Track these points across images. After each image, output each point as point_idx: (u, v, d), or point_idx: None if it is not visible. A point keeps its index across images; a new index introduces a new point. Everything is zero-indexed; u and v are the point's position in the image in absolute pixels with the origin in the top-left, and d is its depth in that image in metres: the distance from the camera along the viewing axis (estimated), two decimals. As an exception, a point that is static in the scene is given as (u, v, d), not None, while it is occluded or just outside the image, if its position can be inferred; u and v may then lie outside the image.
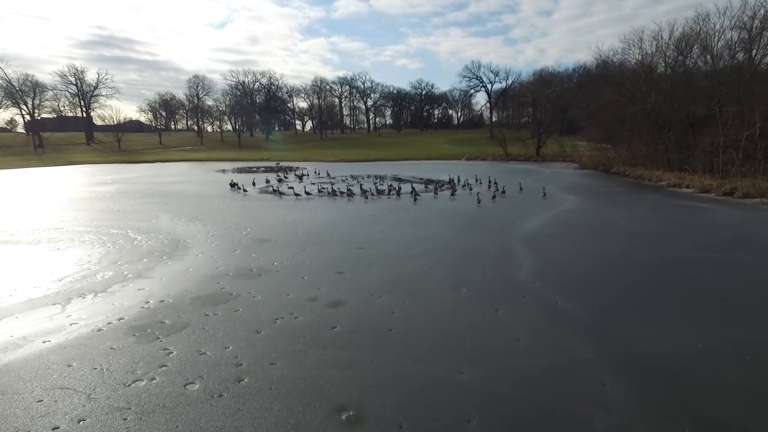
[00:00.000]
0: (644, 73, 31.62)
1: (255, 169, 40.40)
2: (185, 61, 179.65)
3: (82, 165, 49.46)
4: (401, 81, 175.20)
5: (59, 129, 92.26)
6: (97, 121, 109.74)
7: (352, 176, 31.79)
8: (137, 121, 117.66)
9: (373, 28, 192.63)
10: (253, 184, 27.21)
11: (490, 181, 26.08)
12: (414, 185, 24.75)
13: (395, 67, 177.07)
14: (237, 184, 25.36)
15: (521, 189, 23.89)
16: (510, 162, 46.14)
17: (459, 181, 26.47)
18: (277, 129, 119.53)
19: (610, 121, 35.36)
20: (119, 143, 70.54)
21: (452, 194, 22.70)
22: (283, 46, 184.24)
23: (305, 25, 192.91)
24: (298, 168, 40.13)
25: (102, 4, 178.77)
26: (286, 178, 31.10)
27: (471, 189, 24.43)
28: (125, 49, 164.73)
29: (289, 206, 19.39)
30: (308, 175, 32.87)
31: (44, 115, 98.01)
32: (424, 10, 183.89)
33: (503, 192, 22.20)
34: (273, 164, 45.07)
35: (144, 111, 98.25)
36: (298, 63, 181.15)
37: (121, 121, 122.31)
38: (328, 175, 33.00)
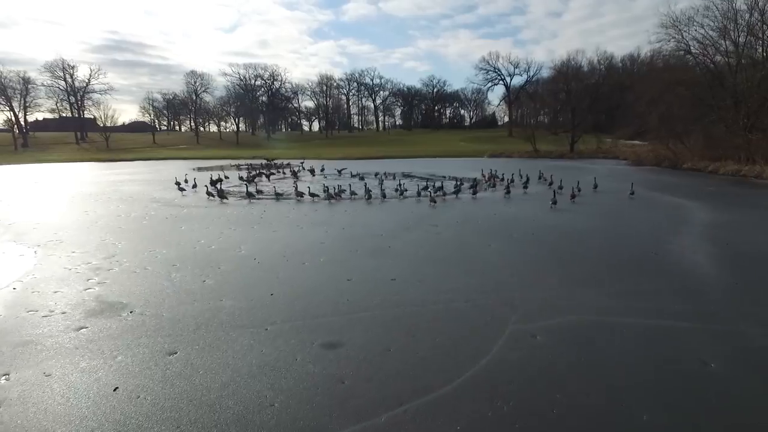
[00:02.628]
0: (747, 33, 23.34)
1: (238, 166, 32.72)
2: (196, 64, 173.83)
3: (49, 163, 42.30)
4: (410, 83, 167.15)
5: (60, 129, 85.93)
6: (100, 122, 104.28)
7: (351, 173, 24.02)
8: (142, 122, 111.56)
9: (381, 31, 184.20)
10: (211, 182, 19.46)
11: (542, 177, 18.17)
12: (437, 183, 16.86)
13: (404, 70, 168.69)
14: (181, 183, 17.67)
15: (596, 186, 15.95)
16: (541, 159, 38.07)
17: (498, 176, 18.65)
18: (284, 130, 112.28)
19: (678, 106, 27.09)
20: (107, 142, 63.57)
21: (506, 193, 14.99)
22: (293, 49, 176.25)
23: (315, 29, 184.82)
24: (288, 164, 32.45)
25: (115, 9, 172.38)
26: (260, 175, 23.52)
27: (526, 188, 16.50)
28: (137, 53, 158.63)
29: (237, 216, 11.64)
30: (295, 171, 25.14)
31: (47, 116, 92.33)
32: (433, 13, 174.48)
33: (579, 190, 14.29)
34: (263, 161, 37.46)
35: (147, 111, 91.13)
36: (308, 66, 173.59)
37: (126, 122, 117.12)
38: (323, 170, 25.37)
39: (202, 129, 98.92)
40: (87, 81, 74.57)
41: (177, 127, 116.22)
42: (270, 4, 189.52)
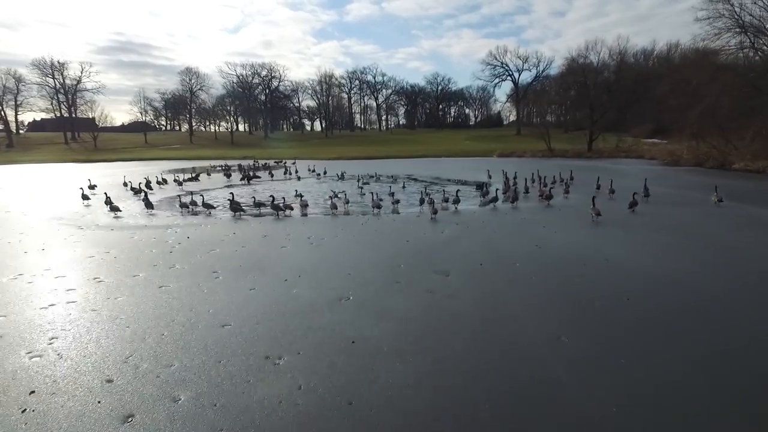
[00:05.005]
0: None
1: (217, 167, 28.47)
2: (201, 65, 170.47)
3: (23, 164, 38.31)
4: (414, 81, 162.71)
5: (57, 130, 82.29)
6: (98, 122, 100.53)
7: (338, 175, 19.74)
8: (143, 122, 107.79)
9: (385, 31, 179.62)
10: (142, 188, 15.08)
11: (568, 183, 13.78)
12: (445, 189, 12.55)
13: (407, 70, 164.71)
14: (85, 191, 13.40)
15: (647, 194, 11.68)
16: (556, 158, 33.69)
17: (511, 178, 14.30)
18: (285, 129, 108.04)
19: (728, 97, 22.56)
20: (95, 142, 59.69)
21: (546, 199, 10.95)
22: (297, 49, 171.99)
23: (318, 29, 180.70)
24: (277, 165, 28.17)
25: (120, 10, 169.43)
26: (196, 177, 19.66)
27: (567, 193, 12.35)
28: (143, 54, 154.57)
29: (137, 249, 7.27)
30: (274, 174, 20.94)
31: (44, 116, 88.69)
32: (436, 12, 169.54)
33: (647, 195, 10.14)
34: (250, 162, 33.30)
35: (141, 110, 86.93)
36: (312, 66, 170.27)
37: (125, 122, 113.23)
38: (314, 171, 21.34)
39: (203, 129, 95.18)
40: (78, 79, 70.47)
41: (178, 127, 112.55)
42: (274, 4, 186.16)
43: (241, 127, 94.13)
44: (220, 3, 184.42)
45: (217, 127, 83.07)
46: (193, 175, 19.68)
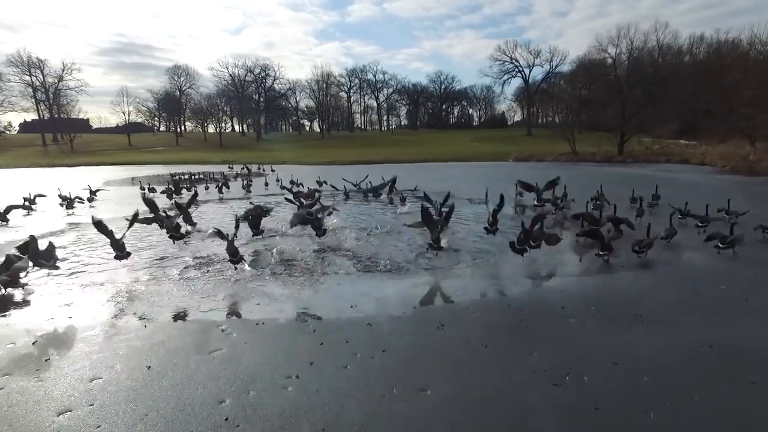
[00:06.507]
0: None
1: (176, 175, 22.84)
2: (202, 66, 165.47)
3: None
4: (416, 80, 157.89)
5: (48, 131, 76.81)
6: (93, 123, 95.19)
7: (317, 189, 14.10)
8: (139, 123, 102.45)
9: (386, 32, 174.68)
10: None
11: (686, 212, 8.09)
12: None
13: (409, 70, 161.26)
14: None
15: None
16: (584, 163, 28.21)
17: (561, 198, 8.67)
18: (284, 130, 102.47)
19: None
20: (72, 144, 54.39)
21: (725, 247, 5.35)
22: (298, 50, 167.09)
23: (320, 30, 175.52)
24: (260, 172, 22.62)
25: (122, 11, 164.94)
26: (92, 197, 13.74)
27: (730, 242, 6.41)
28: (144, 55, 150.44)
29: None
30: (228, 186, 15.33)
31: (34, 117, 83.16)
32: (438, 13, 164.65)
33: None
34: (226, 168, 27.78)
35: (128, 111, 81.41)
36: (313, 67, 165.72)
37: (119, 123, 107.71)
38: (293, 183, 15.73)
39: (200, 130, 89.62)
40: (59, 77, 65.04)
41: (174, 128, 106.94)
42: (275, 5, 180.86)
43: (237, 128, 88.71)
44: (222, 4, 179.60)
45: (215, 128, 77.59)
46: (92, 191, 13.88)
